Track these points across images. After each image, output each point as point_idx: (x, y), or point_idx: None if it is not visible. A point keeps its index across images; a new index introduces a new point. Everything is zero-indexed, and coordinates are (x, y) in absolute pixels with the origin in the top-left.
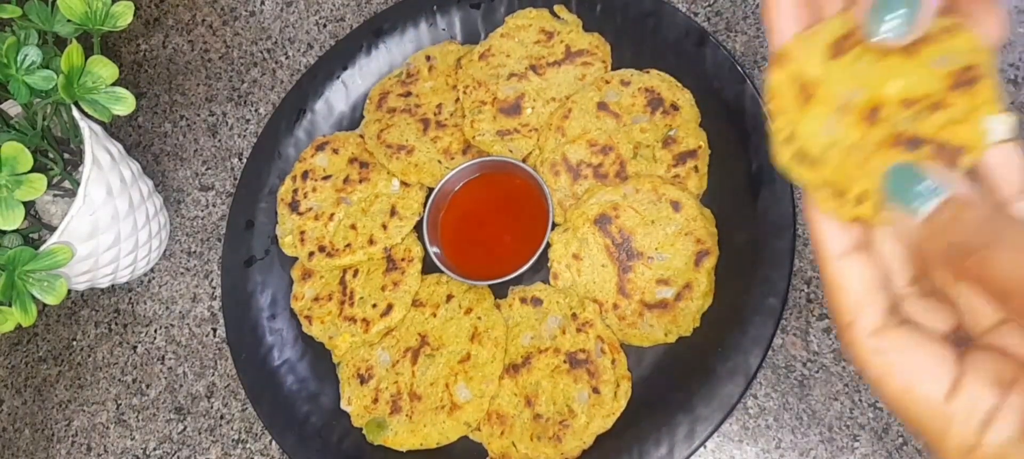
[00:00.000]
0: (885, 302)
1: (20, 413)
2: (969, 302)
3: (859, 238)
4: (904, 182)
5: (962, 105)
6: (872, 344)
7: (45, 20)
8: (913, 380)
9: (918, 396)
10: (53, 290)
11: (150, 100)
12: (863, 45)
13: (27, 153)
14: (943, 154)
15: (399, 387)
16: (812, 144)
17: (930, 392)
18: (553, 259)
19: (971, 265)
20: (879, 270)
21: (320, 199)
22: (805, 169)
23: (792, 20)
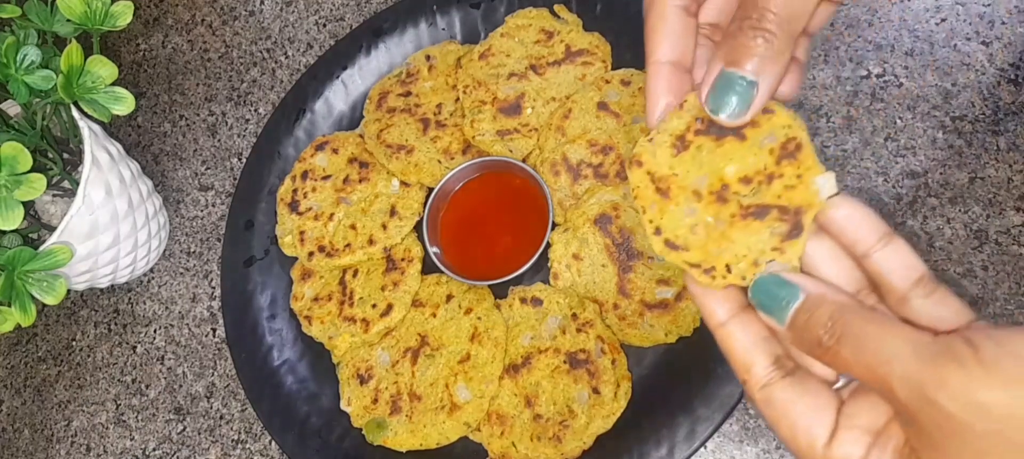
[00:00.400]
0: (769, 356)
1: (20, 413)
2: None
3: (737, 304)
4: (766, 292)
5: (791, 172)
6: (761, 397)
7: (44, 20)
8: (797, 430)
9: (802, 444)
10: (52, 290)
11: (149, 100)
12: (701, 138)
13: (26, 153)
14: (788, 216)
15: (399, 387)
16: (677, 231)
17: (812, 440)
18: (553, 259)
19: (827, 359)
20: (759, 329)
21: (320, 199)
22: (677, 254)
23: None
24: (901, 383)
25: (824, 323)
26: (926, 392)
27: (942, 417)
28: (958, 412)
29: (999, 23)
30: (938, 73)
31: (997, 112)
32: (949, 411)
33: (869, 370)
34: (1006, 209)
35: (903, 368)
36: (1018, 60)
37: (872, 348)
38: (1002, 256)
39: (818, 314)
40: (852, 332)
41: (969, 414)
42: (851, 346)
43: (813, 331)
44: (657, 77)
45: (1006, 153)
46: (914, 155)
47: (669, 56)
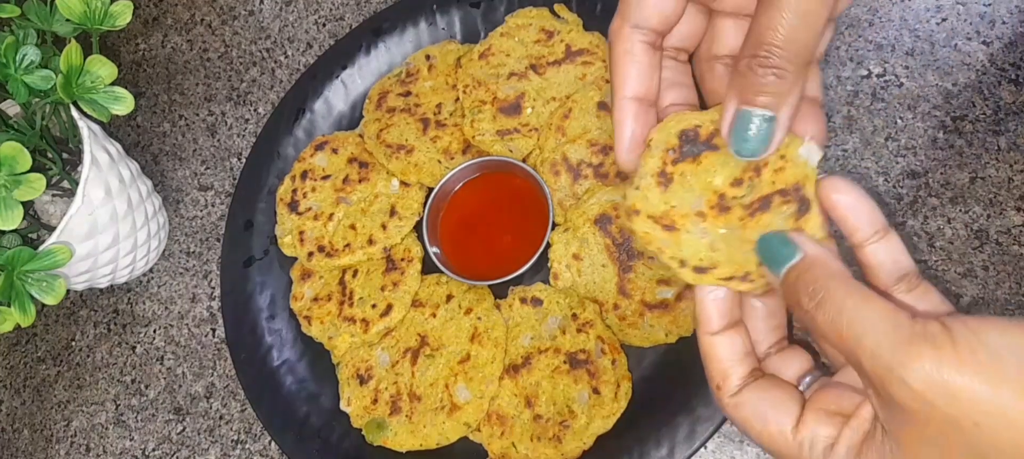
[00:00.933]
0: (746, 369)
1: (19, 413)
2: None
3: (731, 319)
4: (769, 249)
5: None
6: (732, 402)
7: (44, 19)
8: (767, 421)
9: (772, 432)
10: (52, 290)
11: (149, 100)
12: (680, 166)
13: (26, 153)
14: (790, 195)
15: (399, 387)
16: (699, 255)
17: (781, 426)
18: (553, 259)
19: (805, 321)
20: (743, 344)
21: (319, 199)
22: (710, 276)
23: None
24: (871, 358)
25: (808, 286)
26: (895, 370)
27: (910, 396)
28: (925, 391)
29: (1000, 23)
30: (939, 73)
31: (998, 112)
32: (916, 390)
33: (841, 339)
34: (1007, 209)
35: (874, 344)
36: (1019, 60)
37: (847, 319)
38: (1003, 256)
39: (806, 276)
40: (832, 300)
41: (935, 395)
42: (827, 313)
43: (797, 292)
44: (624, 112)
45: (1007, 153)
46: (915, 155)
47: (635, 91)
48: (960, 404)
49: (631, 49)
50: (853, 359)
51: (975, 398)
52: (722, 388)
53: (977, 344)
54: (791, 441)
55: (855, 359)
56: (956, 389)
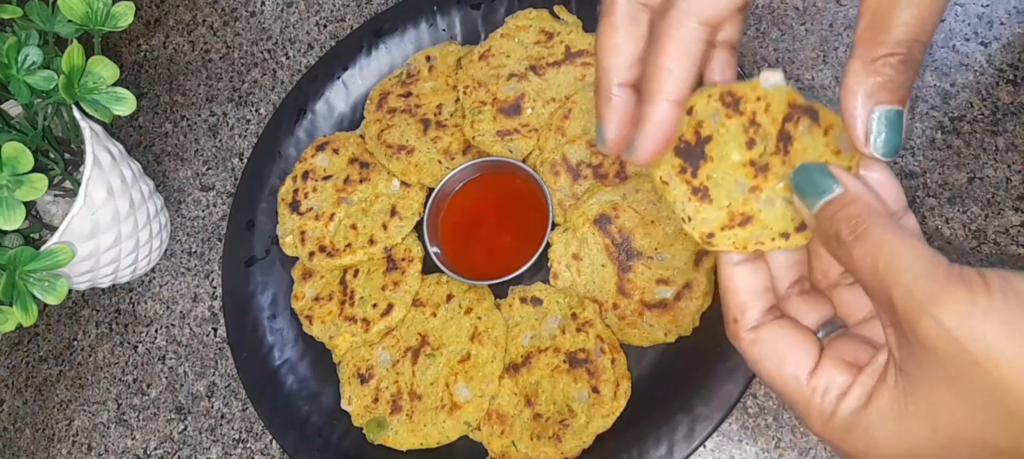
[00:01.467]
0: (765, 304)
1: (21, 413)
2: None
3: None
4: (809, 179)
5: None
6: (750, 337)
7: (46, 20)
8: (784, 362)
9: (787, 374)
10: (54, 290)
11: (151, 100)
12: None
13: (28, 153)
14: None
15: (399, 387)
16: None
17: (796, 371)
18: (553, 259)
19: (841, 255)
20: (764, 279)
21: (320, 199)
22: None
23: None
24: (905, 293)
25: (849, 219)
26: (928, 305)
27: (937, 331)
28: (955, 329)
29: (998, 23)
30: (937, 73)
31: (995, 112)
32: (946, 327)
33: (876, 274)
34: (1004, 209)
35: (912, 279)
36: (1016, 60)
37: (886, 255)
38: (1001, 256)
39: (847, 210)
40: (873, 235)
41: (964, 334)
42: (866, 248)
43: (837, 224)
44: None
45: (1004, 153)
46: (913, 155)
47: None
48: (986, 345)
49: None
50: (884, 295)
51: (1001, 341)
52: (739, 321)
53: (1011, 292)
54: (804, 386)
55: (887, 295)
56: (984, 331)
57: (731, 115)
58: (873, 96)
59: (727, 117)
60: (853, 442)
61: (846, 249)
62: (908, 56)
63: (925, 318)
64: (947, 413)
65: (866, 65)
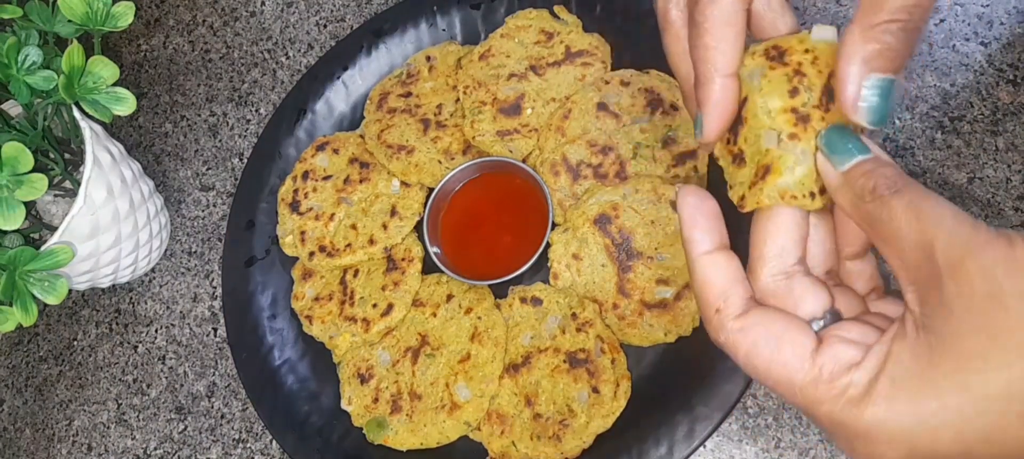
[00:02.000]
0: (747, 291)
1: (21, 413)
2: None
3: (721, 240)
4: (838, 138)
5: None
6: (737, 325)
7: (46, 20)
8: (779, 344)
9: (787, 357)
10: (54, 290)
11: (151, 100)
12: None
13: (28, 153)
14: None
15: (399, 387)
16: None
17: (797, 351)
18: (553, 259)
19: (875, 208)
20: (739, 266)
21: (321, 199)
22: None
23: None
24: (948, 240)
25: (887, 176)
26: (972, 249)
27: (978, 274)
28: (996, 268)
29: (998, 23)
30: (937, 73)
31: (995, 112)
32: (988, 266)
33: (918, 224)
34: (1004, 209)
35: (954, 227)
36: (1017, 60)
37: (928, 207)
38: None
39: (883, 169)
40: (912, 191)
41: (1009, 281)
42: (907, 200)
43: (874, 179)
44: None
45: (1004, 153)
46: (913, 155)
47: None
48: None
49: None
50: (926, 243)
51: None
52: (723, 310)
53: None
54: (808, 367)
55: (928, 242)
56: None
57: (775, 66)
58: (869, 63)
59: (771, 69)
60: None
61: (883, 203)
62: (908, 23)
63: (967, 265)
64: (979, 361)
65: (865, 31)
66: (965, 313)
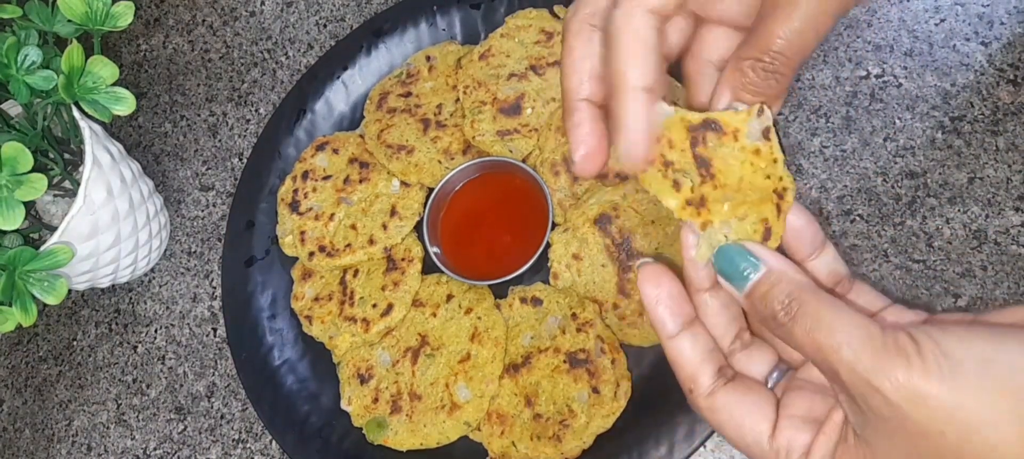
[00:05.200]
0: (714, 367)
1: (20, 413)
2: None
3: (686, 318)
4: (729, 261)
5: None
6: (707, 405)
7: (45, 20)
8: (743, 429)
9: (749, 440)
10: (53, 290)
11: (150, 100)
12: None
13: (27, 153)
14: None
15: (399, 387)
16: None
17: (757, 435)
18: (553, 259)
19: (781, 334)
20: (706, 342)
21: (320, 199)
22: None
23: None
24: (848, 369)
25: (782, 299)
26: (872, 380)
27: (884, 404)
28: (899, 401)
29: (998, 23)
30: (937, 73)
31: (996, 112)
32: (892, 399)
33: (819, 351)
34: (1005, 209)
35: (852, 355)
36: (1017, 60)
37: (825, 330)
38: (1001, 256)
39: (777, 290)
40: (808, 312)
41: (908, 404)
42: (805, 325)
43: (770, 305)
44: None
45: (1005, 153)
46: (913, 155)
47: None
48: (929, 411)
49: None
50: (830, 369)
51: (940, 405)
52: (694, 391)
53: (939, 354)
54: (767, 449)
55: (832, 369)
56: (924, 397)
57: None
58: (733, 91)
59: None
60: None
61: (786, 330)
62: (772, 67)
63: (871, 393)
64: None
65: (735, 60)
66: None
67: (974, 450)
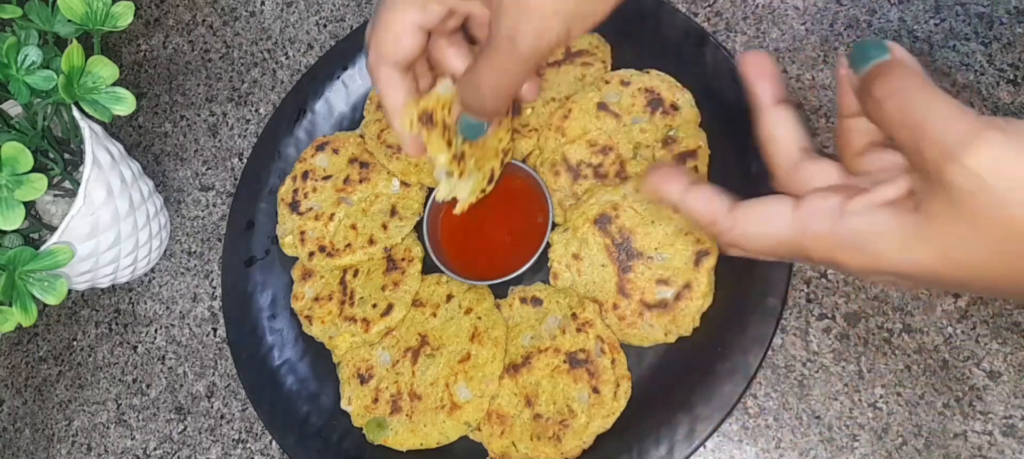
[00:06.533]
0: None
1: (20, 413)
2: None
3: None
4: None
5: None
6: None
7: (45, 20)
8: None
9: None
10: (53, 290)
11: (150, 100)
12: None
13: (27, 153)
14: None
15: (399, 387)
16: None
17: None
18: (553, 259)
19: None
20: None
21: (320, 199)
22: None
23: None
24: (933, 140)
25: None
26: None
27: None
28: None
29: (998, 23)
30: (937, 74)
31: (996, 112)
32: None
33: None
34: None
35: (941, 127)
36: (1017, 60)
37: (920, 106)
38: None
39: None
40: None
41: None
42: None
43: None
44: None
45: None
46: None
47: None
48: (1015, 181)
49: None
50: (914, 142)
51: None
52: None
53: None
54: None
55: (917, 142)
56: (1013, 169)
57: (430, 129)
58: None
59: (428, 131)
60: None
61: (879, 103)
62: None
63: (951, 166)
64: (959, 245)
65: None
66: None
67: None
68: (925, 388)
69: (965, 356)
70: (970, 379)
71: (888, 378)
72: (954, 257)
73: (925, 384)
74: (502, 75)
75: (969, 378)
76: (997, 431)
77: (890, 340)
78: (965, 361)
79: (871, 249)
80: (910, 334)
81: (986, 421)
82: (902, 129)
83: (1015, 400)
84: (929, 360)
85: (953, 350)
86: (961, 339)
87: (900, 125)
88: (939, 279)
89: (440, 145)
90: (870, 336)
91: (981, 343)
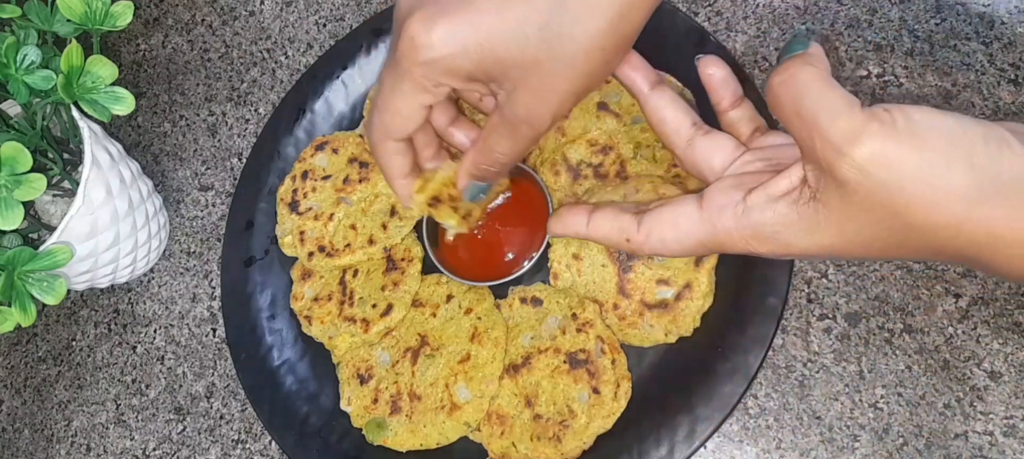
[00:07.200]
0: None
1: (19, 413)
2: None
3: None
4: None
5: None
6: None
7: (45, 20)
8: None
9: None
10: (52, 290)
11: (149, 100)
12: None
13: (26, 153)
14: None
15: (399, 387)
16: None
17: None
18: (553, 259)
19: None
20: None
21: (320, 199)
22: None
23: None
24: (822, 137)
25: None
26: (844, 147)
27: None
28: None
29: (999, 23)
30: (938, 73)
31: (997, 112)
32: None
33: (800, 117)
34: None
35: (828, 123)
36: (1018, 60)
37: (812, 99)
38: None
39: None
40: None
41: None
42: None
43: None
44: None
45: None
46: None
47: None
48: (894, 171)
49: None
50: (808, 136)
51: (906, 166)
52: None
53: (911, 123)
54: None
55: (809, 138)
56: (892, 160)
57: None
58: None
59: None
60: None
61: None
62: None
63: (840, 158)
64: (854, 227)
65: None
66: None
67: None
68: (926, 388)
69: (966, 356)
70: (971, 379)
71: (889, 378)
72: (851, 238)
73: (926, 384)
74: (516, 149)
75: (970, 378)
76: (998, 431)
77: (891, 340)
78: (966, 361)
79: (781, 239)
80: (911, 334)
81: (987, 421)
82: (794, 118)
83: (1016, 400)
84: (930, 360)
85: (954, 350)
86: (962, 339)
87: (793, 114)
88: (840, 254)
89: (449, 214)
90: (871, 336)
91: (982, 343)
